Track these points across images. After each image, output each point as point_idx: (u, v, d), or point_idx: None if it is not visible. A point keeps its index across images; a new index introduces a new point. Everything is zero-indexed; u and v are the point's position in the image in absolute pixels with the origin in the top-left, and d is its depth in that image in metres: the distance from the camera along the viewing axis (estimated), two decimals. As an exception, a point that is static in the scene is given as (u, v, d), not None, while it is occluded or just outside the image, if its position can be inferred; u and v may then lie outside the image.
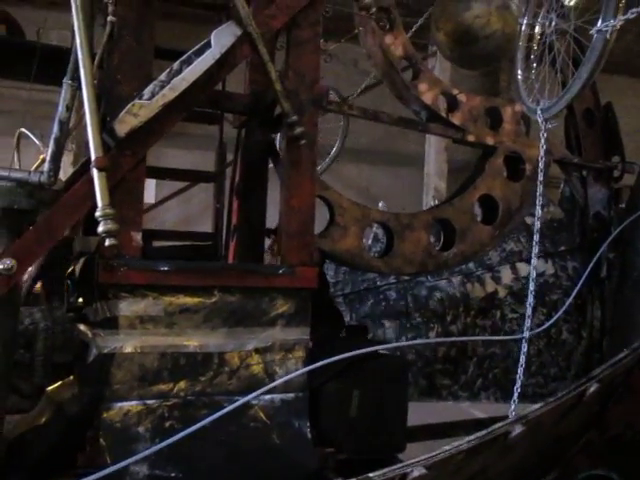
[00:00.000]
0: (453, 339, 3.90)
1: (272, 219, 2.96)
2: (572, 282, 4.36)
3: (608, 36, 1.96)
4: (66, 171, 10.72)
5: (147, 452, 2.10)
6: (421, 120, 3.43)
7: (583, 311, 4.42)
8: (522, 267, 4.48)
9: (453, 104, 3.43)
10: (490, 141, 3.54)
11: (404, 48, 3.33)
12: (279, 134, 2.98)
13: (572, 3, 2.93)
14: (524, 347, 2.31)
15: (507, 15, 3.44)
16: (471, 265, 4.50)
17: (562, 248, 4.49)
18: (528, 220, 4.54)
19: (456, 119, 3.42)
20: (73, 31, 2.19)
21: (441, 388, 4.42)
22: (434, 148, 11.76)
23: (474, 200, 3.50)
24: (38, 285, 3.04)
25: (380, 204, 5.11)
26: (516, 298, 4.44)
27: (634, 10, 1.92)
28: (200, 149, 8.31)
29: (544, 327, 2.73)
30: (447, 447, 1.28)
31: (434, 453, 1.25)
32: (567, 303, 2.80)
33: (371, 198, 12.42)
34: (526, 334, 2.36)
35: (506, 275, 4.50)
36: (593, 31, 1.99)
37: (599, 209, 4.25)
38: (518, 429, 1.30)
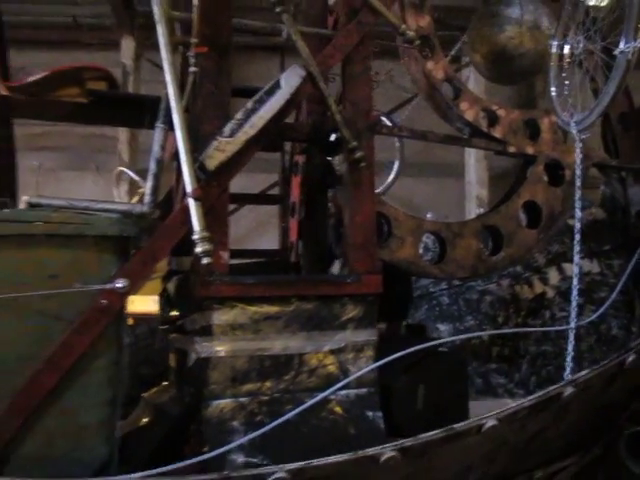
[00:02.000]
0: (508, 331, 4.14)
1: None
2: (618, 279, 4.54)
3: (630, 56, 2.22)
4: (122, 198, 11.31)
5: (241, 441, 2.44)
6: (464, 136, 3.71)
7: (631, 307, 4.58)
8: (568, 267, 4.68)
9: (493, 119, 3.70)
10: (530, 151, 3.79)
11: (444, 71, 3.62)
12: (337, 158, 3.30)
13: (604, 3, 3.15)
14: (571, 338, 2.55)
15: (538, 34, 3.71)
16: (519, 268, 4.73)
17: (606, 247, 4.68)
18: (571, 222, 4.75)
19: (497, 133, 3.69)
20: (165, 80, 2.55)
21: (496, 386, 4.64)
22: (474, 157, 11.93)
23: (519, 206, 3.74)
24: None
25: (429, 215, 5.38)
26: (564, 297, 4.64)
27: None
28: (247, 171, 8.76)
29: (591, 318, 2.97)
30: (513, 404, 1.55)
31: (503, 409, 1.52)
32: (611, 298, 3.02)
33: (415, 209, 12.60)
34: (572, 325, 2.60)
35: (553, 276, 4.72)
36: (616, 52, 2.26)
37: (640, 208, 4.43)
38: (569, 390, 1.56)
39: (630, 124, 4.40)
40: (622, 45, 2.23)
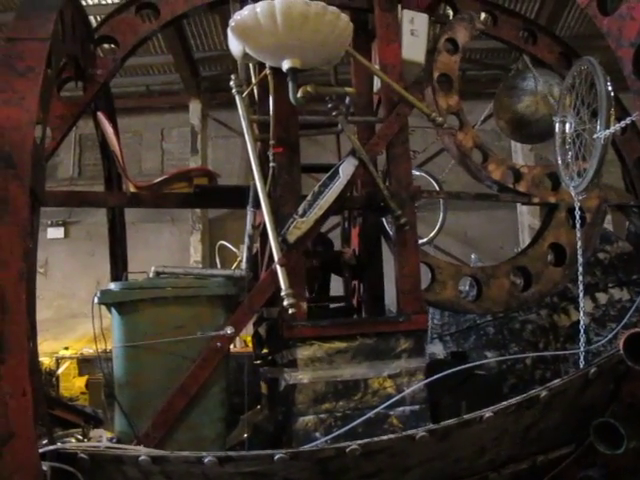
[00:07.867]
0: (520, 356, 4.75)
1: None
2: (640, 307, 5.07)
3: (603, 141, 2.89)
4: (195, 246, 12.50)
5: (320, 440, 3.16)
6: (494, 192, 4.42)
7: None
8: (600, 296, 5.25)
9: (518, 176, 4.39)
10: (552, 200, 4.45)
11: (473, 140, 4.35)
12: (387, 219, 4.06)
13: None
14: (582, 358, 3.19)
15: (550, 102, 4.42)
16: (556, 298, 5.33)
17: (634, 277, 5.22)
18: (600, 256, 5.35)
19: (522, 187, 4.37)
20: (252, 174, 3.38)
21: (542, 406, 5.21)
22: (523, 189, 12.33)
23: (545, 248, 4.38)
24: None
25: (472, 256, 6.05)
26: (598, 323, 5.20)
27: (620, 124, 2.86)
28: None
29: (601, 342, 3.57)
30: (505, 403, 2.19)
31: (498, 405, 2.17)
32: (621, 324, 3.63)
33: (468, 242, 13.14)
34: (582, 348, 3.24)
35: (587, 305, 5.27)
36: (594, 137, 2.93)
37: (659, 241, 4.99)
38: (544, 393, 2.19)
39: (645, 168, 5.00)
40: (597, 131, 2.91)
